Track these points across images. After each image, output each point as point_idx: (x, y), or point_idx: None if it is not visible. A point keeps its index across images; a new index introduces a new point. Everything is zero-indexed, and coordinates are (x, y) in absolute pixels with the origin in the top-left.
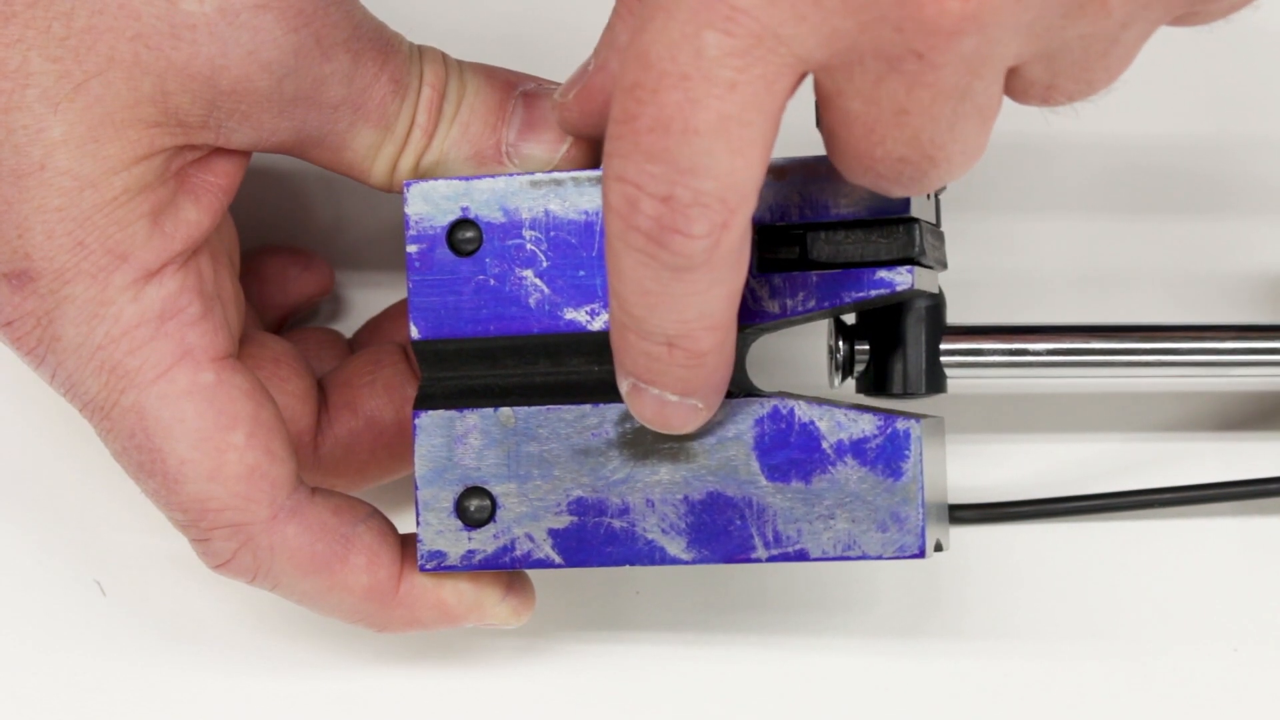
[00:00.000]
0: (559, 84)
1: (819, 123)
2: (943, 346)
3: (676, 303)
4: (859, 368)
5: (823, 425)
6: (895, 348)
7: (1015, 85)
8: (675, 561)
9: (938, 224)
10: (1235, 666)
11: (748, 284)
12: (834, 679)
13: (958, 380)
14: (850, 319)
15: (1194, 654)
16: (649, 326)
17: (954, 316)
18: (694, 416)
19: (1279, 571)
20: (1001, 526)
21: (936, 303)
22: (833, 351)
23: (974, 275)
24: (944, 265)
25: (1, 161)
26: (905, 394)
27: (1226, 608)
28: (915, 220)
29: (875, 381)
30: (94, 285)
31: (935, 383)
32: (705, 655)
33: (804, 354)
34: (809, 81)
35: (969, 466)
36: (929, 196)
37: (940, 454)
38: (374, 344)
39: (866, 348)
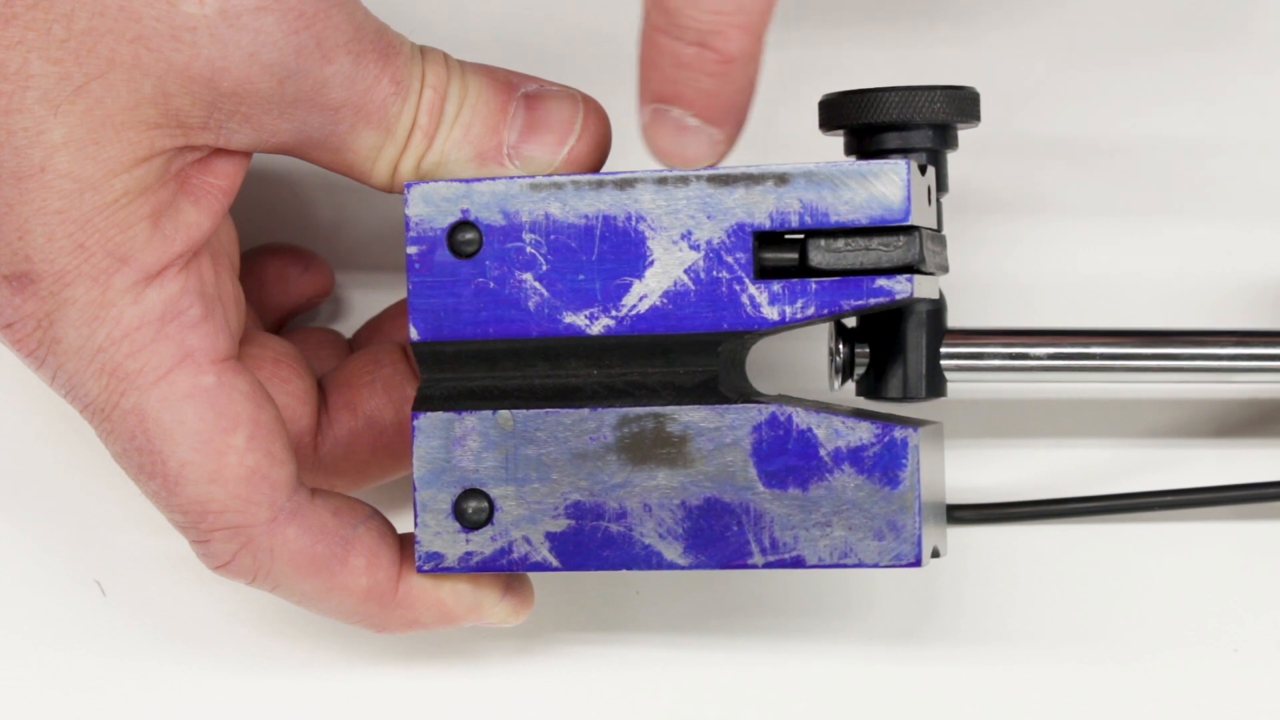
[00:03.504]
0: (561, 85)
1: None
2: (943, 350)
3: None
4: (859, 371)
5: (820, 432)
6: (895, 352)
7: None
8: (672, 567)
9: (939, 228)
10: (1236, 667)
11: (747, 290)
12: (832, 681)
13: (958, 384)
14: (851, 322)
15: (1194, 655)
16: (683, 19)
17: (955, 319)
18: (710, 148)
19: (1277, 573)
20: (1000, 529)
21: (937, 307)
22: (833, 355)
23: (975, 278)
24: (945, 269)
25: (2, 164)
26: (905, 398)
27: (1225, 609)
28: (915, 228)
29: (875, 385)
30: (95, 288)
31: (935, 387)
32: (704, 657)
33: (804, 357)
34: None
35: (968, 470)
36: (930, 202)
37: (939, 460)
38: (374, 344)
39: (867, 351)
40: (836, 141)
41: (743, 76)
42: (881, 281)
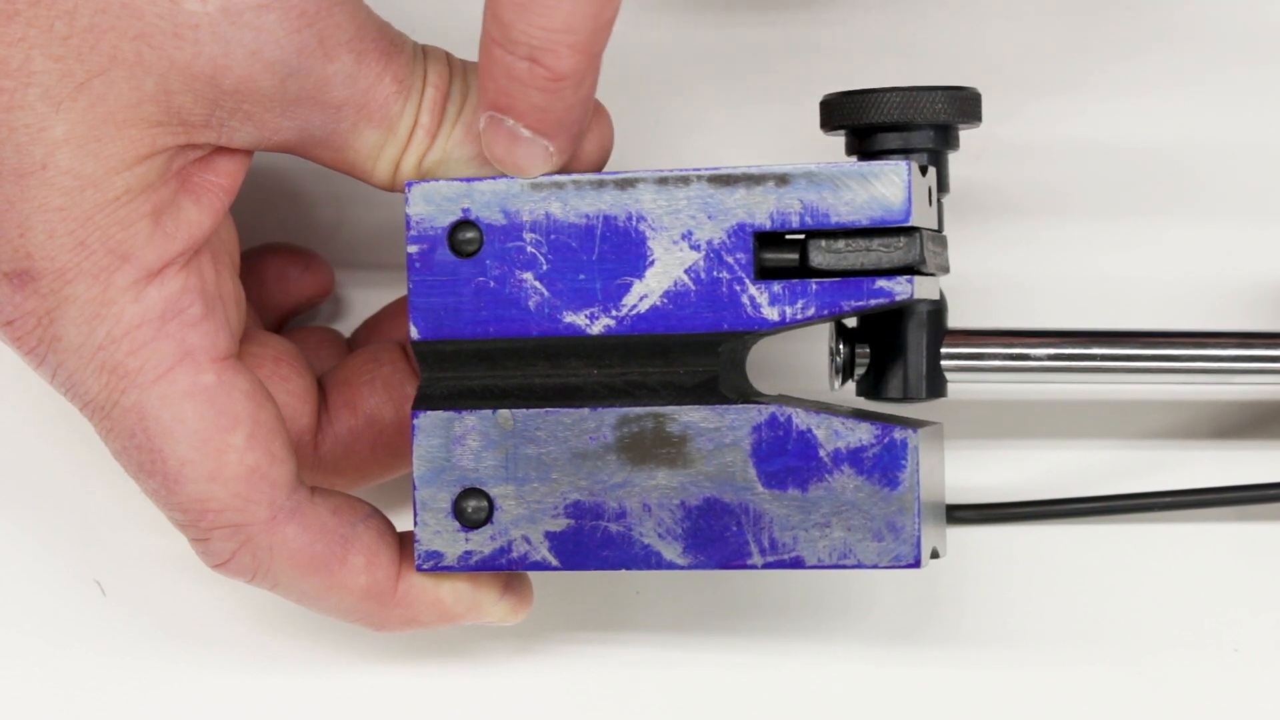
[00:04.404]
0: None
1: None
2: (943, 350)
3: (545, 7)
4: (859, 371)
5: (820, 433)
6: (896, 352)
7: None
8: (671, 567)
9: (940, 229)
10: (1236, 667)
11: (747, 290)
12: (832, 682)
13: (958, 384)
14: (851, 322)
15: (1194, 655)
16: (515, 33)
17: (955, 320)
18: (543, 159)
19: (1277, 574)
20: (1000, 529)
21: (937, 307)
22: (833, 355)
23: (976, 279)
24: (946, 270)
25: (3, 161)
26: (905, 398)
27: (1225, 610)
28: (916, 229)
29: (875, 385)
30: (95, 285)
31: (935, 387)
32: (704, 657)
33: (804, 357)
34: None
35: (968, 470)
36: (931, 202)
37: (938, 461)
38: (373, 342)
39: (867, 351)
40: (838, 141)
41: (574, 94)
42: (882, 282)
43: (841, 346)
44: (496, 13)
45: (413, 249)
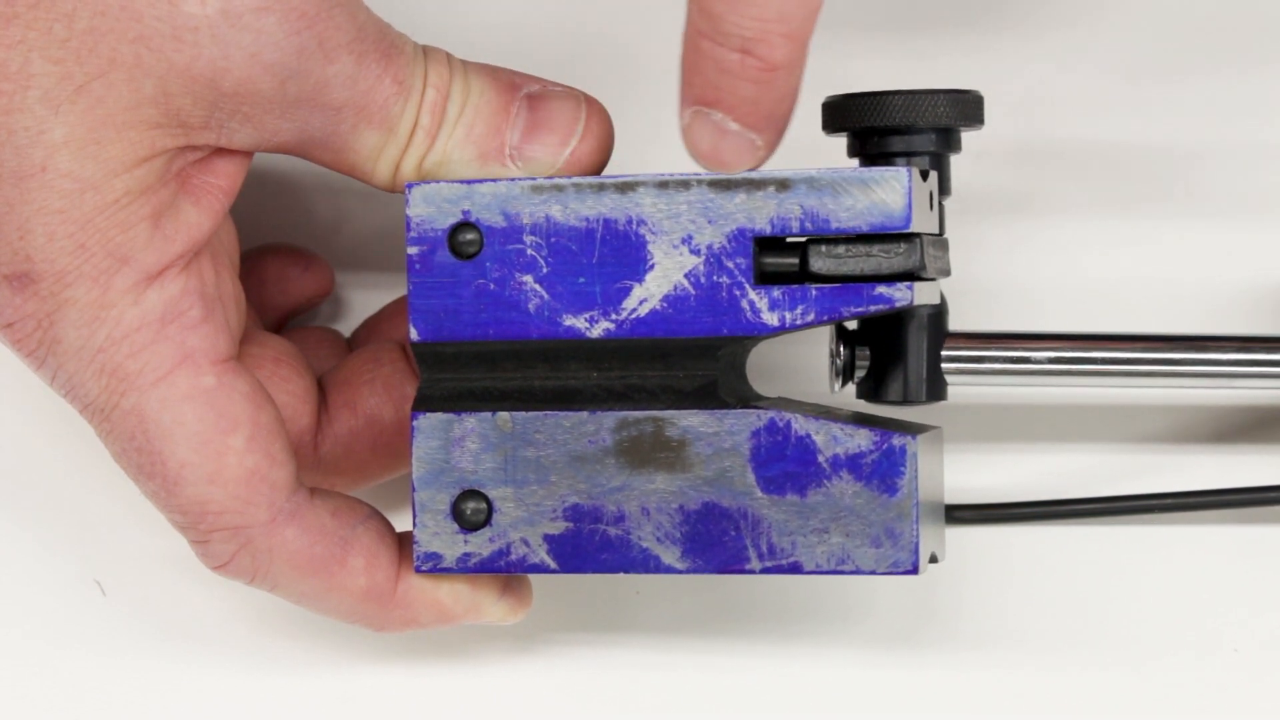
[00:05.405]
0: (564, 86)
1: None
2: (944, 353)
3: None
4: (859, 374)
5: (819, 439)
6: (896, 355)
7: None
8: (669, 570)
9: (941, 232)
10: (1237, 667)
11: (747, 295)
12: (831, 684)
13: (959, 388)
14: (852, 324)
15: (1194, 656)
16: (726, 25)
17: (956, 322)
18: (750, 154)
19: (1276, 575)
20: (1000, 531)
21: (938, 310)
22: (833, 357)
23: (977, 282)
24: (947, 273)
25: (3, 163)
26: (905, 402)
27: (1225, 611)
28: (916, 235)
29: (876, 388)
30: (95, 288)
31: (936, 391)
32: (703, 659)
33: (804, 359)
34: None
35: (968, 474)
36: (932, 207)
37: (938, 466)
38: (372, 342)
39: (867, 354)
40: (839, 143)
41: (785, 84)
42: (882, 289)
43: (842, 349)
44: (705, 6)
45: (413, 250)
